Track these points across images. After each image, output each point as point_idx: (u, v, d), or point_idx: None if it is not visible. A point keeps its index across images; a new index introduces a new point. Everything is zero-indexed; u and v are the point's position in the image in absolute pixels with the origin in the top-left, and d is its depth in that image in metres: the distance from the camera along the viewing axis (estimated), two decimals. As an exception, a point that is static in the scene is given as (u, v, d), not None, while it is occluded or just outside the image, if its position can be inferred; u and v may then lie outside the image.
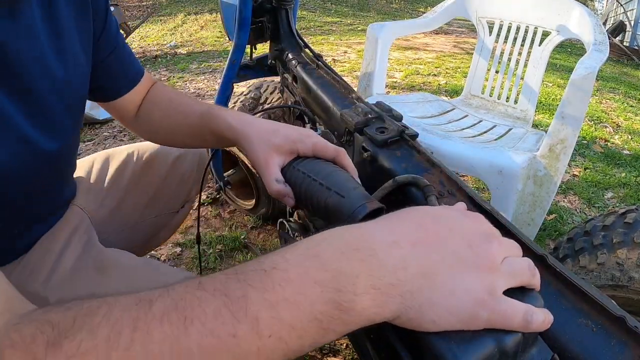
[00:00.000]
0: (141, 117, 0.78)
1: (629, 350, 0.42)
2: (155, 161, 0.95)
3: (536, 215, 1.30)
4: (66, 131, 0.61)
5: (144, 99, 0.78)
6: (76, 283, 0.65)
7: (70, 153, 0.68)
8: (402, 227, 0.34)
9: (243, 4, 1.14)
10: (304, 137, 0.59)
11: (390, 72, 3.92)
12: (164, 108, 0.76)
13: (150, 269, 0.70)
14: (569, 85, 1.21)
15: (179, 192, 1.00)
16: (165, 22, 6.70)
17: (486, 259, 0.34)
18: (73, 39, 0.57)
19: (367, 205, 0.48)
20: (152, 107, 0.77)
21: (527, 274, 0.36)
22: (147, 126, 0.79)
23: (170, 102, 0.76)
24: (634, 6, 7.07)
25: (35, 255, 0.66)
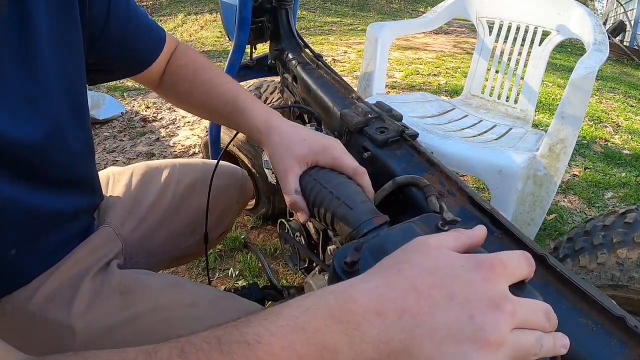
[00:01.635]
0: (165, 86, 0.74)
1: (628, 350, 0.42)
2: (196, 187, 0.85)
3: (536, 215, 1.30)
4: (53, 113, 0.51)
5: (167, 66, 0.73)
6: (100, 308, 0.59)
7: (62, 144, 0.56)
8: (392, 292, 0.30)
9: (243, 4, 1.14)
10: (327, 148, 0.59)
11: (390, 72, 3.92)
12: (188, 82, 0.72)
13: (176, 290, 0.65)
14: (569, 85, 1.21)
15: (218, 224, 0.93)
16: (165, 22, 6.70)
17: (489, 334, 0.28)
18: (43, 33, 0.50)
19: (372, 221, 0.48)
20: (176, 79, 0.73)
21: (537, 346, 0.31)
22: (171, 97, 0.76)
23: (195, 76, 0.71)
24: (634, 6, 7.07)
25: (55, 280, 0.59)
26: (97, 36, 0.60)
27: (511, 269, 0.33)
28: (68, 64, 0.54)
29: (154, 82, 0.74)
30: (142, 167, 0.86)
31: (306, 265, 0.96)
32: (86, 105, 0.61)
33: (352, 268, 0.44)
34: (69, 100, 0.55)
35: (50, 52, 0.51)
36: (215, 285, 1.52)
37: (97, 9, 0.58)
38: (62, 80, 0.54)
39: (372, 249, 0.46)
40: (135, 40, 0.66)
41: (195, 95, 0.71)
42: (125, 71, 0.70)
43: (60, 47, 0.52)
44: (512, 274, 0.33)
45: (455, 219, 0.50)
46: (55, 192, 0.57)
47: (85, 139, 0.61)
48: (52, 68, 0.51)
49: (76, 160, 0.60)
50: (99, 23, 0.59)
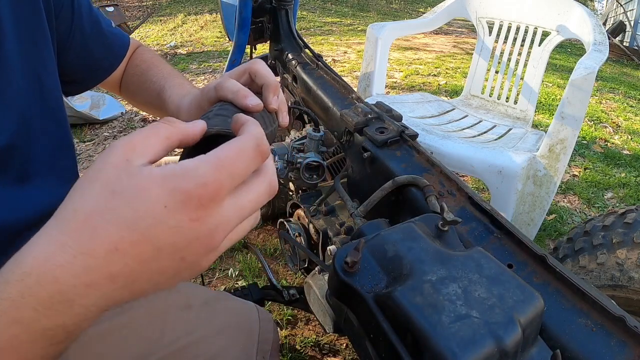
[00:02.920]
0: (123, 88, 0.76)
1: (628, 350, 0.42)
2: None
3: (536, 215, 1.30)
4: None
5: (126, 69, 0.75)
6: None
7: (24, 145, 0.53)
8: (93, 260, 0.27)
9: (243, 4, 1.14)
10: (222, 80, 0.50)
11: (390, 72, 3.92)
12: (136, 82, 0.73)
13: (171, 292, 0.64)
14: (569, 85, 1.21)
15: None
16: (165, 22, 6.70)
17: (203, 266, 0.30)
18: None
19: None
20: (129, 79, 0.74)
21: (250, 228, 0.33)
22: (129, 97, 0.77)
23: (142, 75, 0.73)
24: (633, 6, 7.07)
25: None
26: (62, 47, 0.61)
27: (225, 187, 0.28)
28: (37, 64, 0.55)
29: (116, 86, 0.76)
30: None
31: (306, 266, 0.96)
32: (60, 103, 0.61)
33: (352, 268, 0.44)
34: (38, 97, 0.56)
35: (17, 52, 0.51)
36: (215, 286, 1.52)
37: (61, 21, 0.59)
38: (30, 78, 0.54)
39: (372, 249, 0.46)
40: (100, 50, 0.68)
41: (142, 94, 0.73)
42: (94, 79, 0.71)
43: (28, 48, 0.53)
44: (231, 185, 0.29)
45: (455, 219, 0.50)
46: (37, 188, 0.56)
47: (60, 137, 0.61)
48: (18, 65, 0.51)
49: (53, 156, 0.59)
50: (63, 35, 0.61)
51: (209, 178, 0.27)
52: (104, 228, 0.27)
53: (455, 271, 0.42)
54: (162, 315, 0.60)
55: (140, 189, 0.27)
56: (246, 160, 0.29)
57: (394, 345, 0.38)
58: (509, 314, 0.38)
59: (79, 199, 0.28)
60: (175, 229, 0.27)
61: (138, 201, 0.27)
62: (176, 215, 0.27)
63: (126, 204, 0.27)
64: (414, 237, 0.46)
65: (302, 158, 0.94)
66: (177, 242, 0.28)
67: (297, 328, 1.34)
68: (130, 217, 0.27)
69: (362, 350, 0.45)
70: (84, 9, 0.63)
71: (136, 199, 0.27)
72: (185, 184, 0.27)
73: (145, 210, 0.27)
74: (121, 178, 0.27)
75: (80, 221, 0.27)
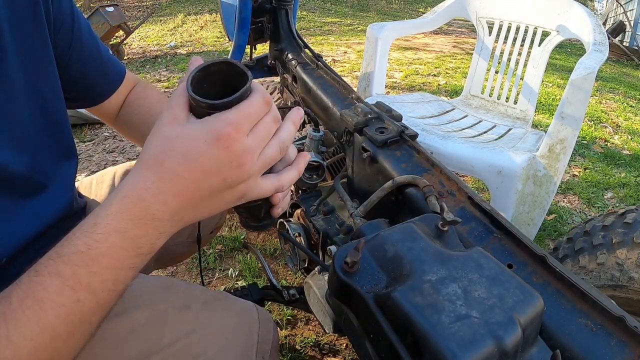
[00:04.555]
0: (121, 119, 0.76)
1: (628, 350, 0.42)
2: None
3: (536, 215, 1.30)
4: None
5: (125, 101, 0.76)
6: None
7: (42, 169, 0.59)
8: (164, 183, 0.38)
9: (243, 5, 1.14)
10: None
11: (390, 72, 3.92)
12: (143, 113, 0.74)
13: (169, 292, 0.65)
14: (569, 85, 1.21)
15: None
16: (165, 22, 6.70)
17: (241, 181, 0.40)
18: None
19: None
20: (132, 110, 0.75)
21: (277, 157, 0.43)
22: (127, 129, 0.77)
23: (150, 108, 0.74)
24: (633, 6, 7.08)
25: None
26: (61, 64, 0.61)
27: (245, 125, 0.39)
28: (39, 79, 0.56)
29: (111, 115, 0.76)
30: (125, 166, 0.87)
31: (306, 266, 0.96)
32: (64, 117, 0.62)
33: (352, 268, 0.44)
34: (40, 112, 0.56)
35: (19, 67, 0.52)
36: (215, 286, 1.52)
37: (61, 37, 0.60)
38: (33, 93, 0.55)
39: (372, 249, 0.46)
40: (96, 73, 0.69)
41: (149, 125, 0.72)
42: (83, 102, 0.71)
43: (30, 63, 0.54)
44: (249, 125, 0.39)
45: (455, 219, 0.50)
46: (40, 201, 0.58)
47: (63, 151, 0.63)
48: (21, 81, 0.52)
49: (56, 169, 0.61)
50: (61, 51, 0.61)
51: (232, 120, 0.38)
52: (168, 161, 0.38)
53: (455, 271, 0.42)
54: (162, 316, 0.60)
55: (188, 133, 0.38)
56: (257, 108, 0.40)
57: (394, 345, 0.38)
58: (508, 314, 0.38)
59: (150, 146, 0.40)
60: (213, 156, 0.38)
61: (187, 140, 0.38)
62: (213, 146, 0.38)
63: (180, 144, 0.38)
64: (414, 237, 0.46)
65: (302, 158, 0.94)
66: (216, 165, 0.38)
67: (297, 328, 1.34)
68: (183, 152, 0.38)
69: (362, 350, 0.45)
70: (84, 28, 0.65)
71: (186, 139, 0.38)
72: (216, 125, 0.38)
73: (192, 146, 0.38)
74: (175, 128, 0.39)
75: (152, 159, 0.39)
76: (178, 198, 0.39)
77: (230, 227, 1.80)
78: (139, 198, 0.38)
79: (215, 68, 0.41)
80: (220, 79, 0.41)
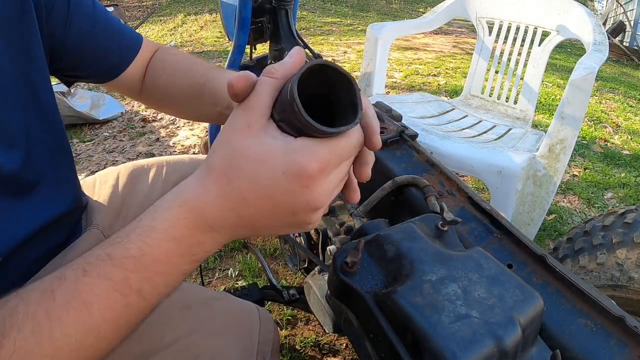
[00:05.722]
0: (147, 86, 0.72)
1: (628, 350, 0.42)
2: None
3: (536, 215, 1.30)
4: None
5: (148, 67, 0.71)
6: None
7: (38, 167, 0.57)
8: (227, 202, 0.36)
9: (243, 4, 1.14)
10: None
11: (390, 72, 3.92)
12: (168, 74, 0.69)
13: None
14: (569, 85, 1.21)
15: None
16: (165, 22, 6.70)
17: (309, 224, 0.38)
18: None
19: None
20: (156, 73, 0.71)
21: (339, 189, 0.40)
22: (153, 95, 0.72)
23: (174, 65, 0.70)
24: (633, 6, 7.08)
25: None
26: (58, 42, 0.59)
27: (332, 165, 0.35)
28: (29, 70, 0.53)
29: (136, 87, 0.72)
30: (129, 167, 0.84)
31: (306, 266, 0.96)
32: (54, 108, 0.60)
33: (352, 268, 0.44)
34: (33, 104, 0.54)
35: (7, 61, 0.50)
36: (215, 286, 1.52)
37: (55, 15, 0.57)
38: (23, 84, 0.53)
39: (372, 249, 0.46)
40: (105, 44, 0.65)
41: (176, 80, 0.69)
42: (99, 75, 0.68)
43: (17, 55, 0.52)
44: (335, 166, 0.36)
45: (455, 219, 0.50)
46: (36, 200, 0.56)
47: (56, 143, 0.60)
48: (10, 73, 0.50)
49: (51, 166, 0.59)
50: (59, 29, 0.58)
51: (322, 157, 0.34)
52: (235, 181, 0.35)
53: (455, 271, 0.42)
54: (162, 316, 0.60)
55: (264, 155, 0.34)
56: (350, 150, 0.36)
57: (394, 345, 0.38)
58: (508, 314, 0.38)
59: (216, 155, 0.36)
60: (290, 192, 0.34)
61: (261, 166, 0.34)
62: (292, 182, 0.34)
63: (252, 166, 0.34)
64: (413, 237, 0.46)
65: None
66: (290, 202, 0.35)
67: (297, 328, 1.34)
68: (255, 177, 0.34)
69: (362, 350, 0.45)
70: (86, 2, 0.61)
71: (260, 164, 0.34)
72: (301, 158, 0.33)
73: (267, 175, 0.34)
74: (247, 140, 0.35)
75: (217, 172, 0.36)
76: (240, 218, 0.37)
77: (230, 227, 1.80)
78: (198, 209, 0.36)
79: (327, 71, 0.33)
80: (318, 83, 0.34)
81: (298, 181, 0.34)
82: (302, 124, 0.32)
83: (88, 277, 0.35)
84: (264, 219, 0.37)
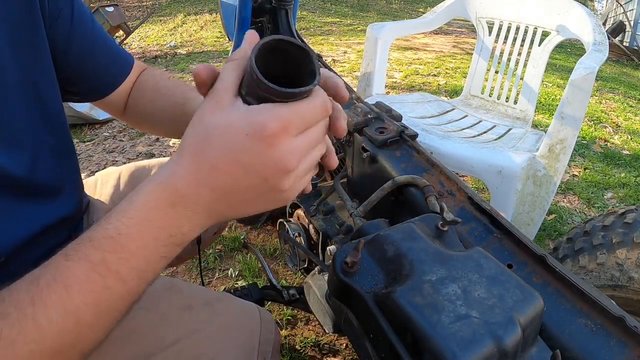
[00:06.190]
0: (130, 106, 0.74)
1: (628, 350, 0.42)
2: None
3: (536, 215, 1.30)
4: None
5: (133, 88, 0.73)
6: None
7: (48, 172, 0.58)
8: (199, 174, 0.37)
9: (243, 4, 1.14)
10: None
11: (390, 72, 3.92)
12: (149, 93, 0.71)
13: (171, 292, 0.64)
14: (569, 85, 1.21)
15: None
16: (165, 22, 6.70)
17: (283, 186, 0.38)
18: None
19: None
20: (139, 94, 0.73)
21: (319, 158, 0.41)
22: (135, 114, 0.74)
23: (156, 85, 0.72)
24: (633, 6, 7.08)
25: None
26: (60, 54, 0.60)
27: (295, 125, 0.35)
28: (35, 75, 0.54)
29: (120, 108, 0.74)
30: (131, 167, 0.85)
31: (306, 266, 0.96)
32: (61, 112, 0.60)
33: (352, 268, 0.44)
34: (37, 108, 0.55)
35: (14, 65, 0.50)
36: (215, 286, 1.52)
37: (59, 26, 0.58)
38: (28, 88, 0.53)
39: (372, 249, 0.46)
40: (103, 61, 0.66)
41: (156, 101, 0.71)
42: (94, 92, 0.69)
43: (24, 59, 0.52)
44: (301, 127, 0.36)
45: (455, 219, 0.50)
46: (40, 202, 0.57)
47: (62, 146, 0.61)
48: (16, 76, 0.51)
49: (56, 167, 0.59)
50: (61, 40, 0.59)
51: (282, 116, 0.34)
52: (205, 151, 0.36)
53: (455, 271, 0.42)
54: (163, 316, 0.60)
55: (229, 122, 0.35)
56: (315, 112, 0.37)
57: (394, 345, 0.38)
58: (508, 314, 0.38)
59: (188, 134, 0.38)
60: (256, 153, 0.35)
61: (227, 130, 0.35)
62: (255, 142, 0.34)
63: (220, 135, 0.35)
64: (413, 237, 0.46)
65: (302, 158, 0.94)
66: (258, 164, 0.35)
67: (297, 328, 1.34)
68: (222, 144, 0.35)
69: (362, 350, 0.45)
70: (86, 18, 0.63)
71: (226, 129, 0.35)
72: (262, 118, 0.34)
73: (232, 139, 0.35)
74: (216, 115, 0.36)
75: (190, 149, 0.37)
76: (213, 192, 0.37)
77: (230, 227, 1.80)
78: (172, 187, 0.37)
79: (283, 46, 0.36)
80: (280, 60, 0.37)
81: (261, 140, 0.34)
82: (262, 89, 0.34)
83: (70, 260, 0.36)
84: (238, 191, 0.37)
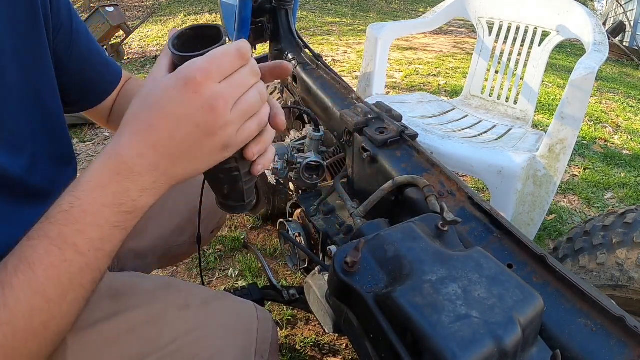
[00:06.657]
0: (114, 113, 0.76)
1: (628, 350, 0.42)
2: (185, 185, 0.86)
3: (536, 215, 1.30)
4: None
5: (118, 96, 0.76)
6: (89, 315, 0.56)
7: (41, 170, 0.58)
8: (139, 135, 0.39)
9: (243, 5, 1.14)
10: None
11: (390, 73, 3.92)
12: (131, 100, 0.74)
13: (169, 291, 0.64)
14: (569, 85, 1.21)
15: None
16: (165, 22, 6.70)
17: (216, 128, 0.40)
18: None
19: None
20: (124, 101, 0.75)
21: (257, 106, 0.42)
22: (119, 121, 0.76)
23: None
24: (633, 6, 7.08)
25: None
26: (61, 63, 0.62)
27: (214, 72, 0.38)
28: (38, 80, 0.56)
29: (105, 116, 0.76)
30: None
31: (306, 266, 0.96)
32: (62, 120, 0.62)
33: (352, 268, 0.44)
34: (38, 114, 0.56)
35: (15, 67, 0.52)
36: (215, 286, 1.52)
37: (61, 37, 0.60)
38: (30, 95, 0.54)
39: (372, 249, 0.46)
40: (99, 69, 0.69)
41: None
42: (88, 101, 0.71)
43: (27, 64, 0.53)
44: (220, 73, 0.39)
45: (455, 219, 0.50)
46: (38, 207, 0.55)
47: (61, 150, 0.62)
48: (18, 82, 0.52)
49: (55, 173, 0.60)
50: (63, 50, 0.61)
51: (202, 66, 0.38)
52: (141, 114, 0.40)
53: (455, 271, 0.42)
54: (161, 315, 0.60)
55: (159, 85, 0.39)
56: (229, 57, 0.39)
57: (394, 345, 0.38)
58: (508, 314, 0.38)
59: (129, 109, 0.41)
60: (184, 102, 0.38)
61: (158, 92, 0.39)
62: (181, 91, 0.38)
63: (153, 96, 0.40)
64: (414, 237, 0.46)
65: (302, 158, 0.94)
66: (186, 110, 0.38)
67: (297, 328, 1.34)
68: (155, 104, 0.39)
69: (362, 350, 0.45)
70: (82, 30, 0.65)
71: (157, 90, 0.39)
72: (183, 70, 0.38)
73: (163, 95, 0.39)
74: (148, 86, 0.41)
75: (129, 118, 0.41)
76: (154, 149, 0.39)
77: (230, 227, 1.80)
78: (115, 154, 0.39)
79: (195, 32, 0.43)
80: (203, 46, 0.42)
81: (186, 89, 0.38)
82: (178, 61, 0.40)
83: (31, 239, 0.38)
84: (177, 143, 0.39)
